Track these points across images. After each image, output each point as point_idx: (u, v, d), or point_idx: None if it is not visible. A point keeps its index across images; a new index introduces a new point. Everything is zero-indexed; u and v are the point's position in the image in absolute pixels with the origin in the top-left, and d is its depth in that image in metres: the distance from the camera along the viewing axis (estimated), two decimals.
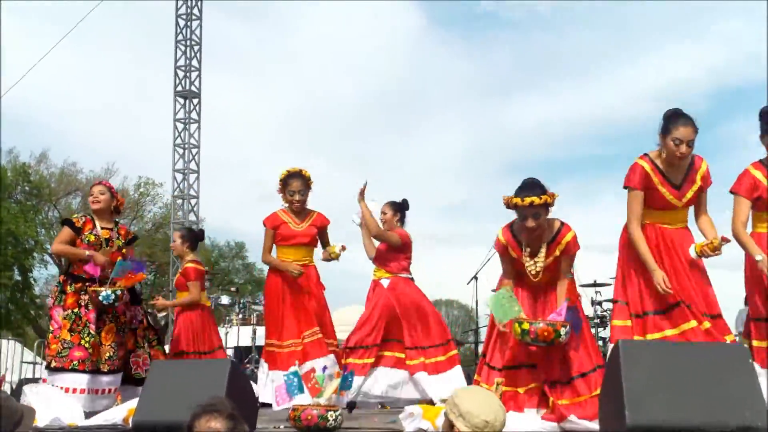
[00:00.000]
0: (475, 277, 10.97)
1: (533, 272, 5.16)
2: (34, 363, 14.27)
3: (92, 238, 6.59)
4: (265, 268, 7.63)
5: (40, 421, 5.49)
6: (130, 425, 5.23)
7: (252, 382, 5.95)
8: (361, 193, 6.97)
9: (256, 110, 54.90)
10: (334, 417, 4.84)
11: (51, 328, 6.53)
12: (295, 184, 7.03)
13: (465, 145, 62.23)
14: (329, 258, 7.01)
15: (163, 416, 4.61)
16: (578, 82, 61.12)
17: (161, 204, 33.90)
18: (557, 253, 5.16)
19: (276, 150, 51.81)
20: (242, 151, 53.22)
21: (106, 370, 6.39)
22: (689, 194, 5.09)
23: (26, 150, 34.29)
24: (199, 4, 21.71)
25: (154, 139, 44.43)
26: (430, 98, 59.25)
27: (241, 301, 14.57)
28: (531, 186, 5.09)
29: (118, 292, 6.35)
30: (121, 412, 5.73)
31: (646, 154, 5.10)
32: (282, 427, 5.26)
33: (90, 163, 53.16)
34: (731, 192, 5.07)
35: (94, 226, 6.66)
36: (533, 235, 5.13)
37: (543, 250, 5.15)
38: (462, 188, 67.56)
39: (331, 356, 6.83)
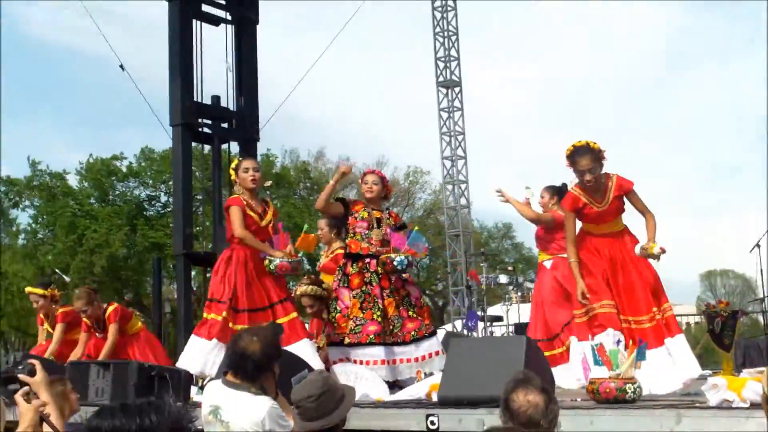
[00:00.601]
0: (758, 245, 10.69)
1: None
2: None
3: (365, 214, 6.97)
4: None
5: None
6: (434, 399, 5.55)
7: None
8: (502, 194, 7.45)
9: (516, 94, 54.87)
10: (632, 389, 4.88)
11: (337, 308, 6.89)
12: (583, 162, 6.21)
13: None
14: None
15: (466, 391, 4.87)
16: None
17: (430, 191, 34.93)
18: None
19: (539, 131, 51.53)
20: (505, 135, 53.44)
21: (397, 341, 6.81)
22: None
23: (305, 149, 36.60)
24: None
25: (421, 129, 45.73)
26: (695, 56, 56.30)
27: (517, 279, 14.81)
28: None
29: (410, 258, 6.79)
30: (424, 387, 6.05)
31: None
32: (579, 400, 5.35)
33: (363, 156, 55.63)
34: None
35: (365, 206, 7.06)
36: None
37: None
38: (736, 152, 63.74)
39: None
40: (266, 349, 3.79)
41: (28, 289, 9.27)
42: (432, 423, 4.76)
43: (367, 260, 6.87)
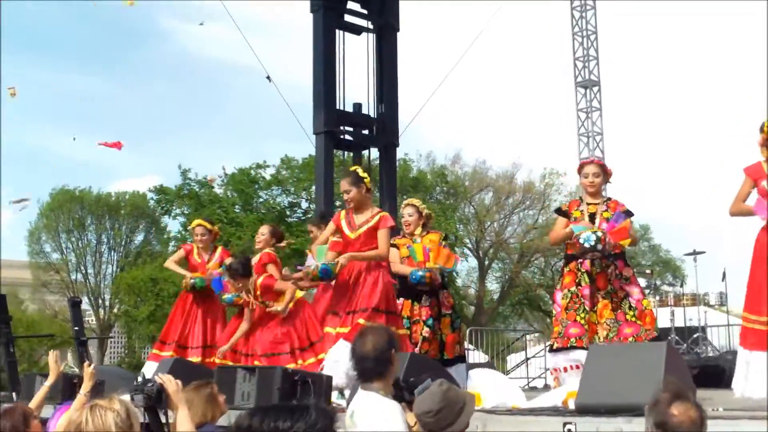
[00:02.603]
0: None
1: None
2: (467, 349, 15.34)
3: (578, 214, 6.60)
4: None
5: (487, 403, 5.93)
6: (570, 407, 5.50)
7: None
8: None
9: (657, 95, 53.34)
10: None
11: (553, 312, 6.71)
12: None
13: None
14: None
15: (604, 399, 4.81)
16: None
17: (566, 192, 34.39)
18: None
19: (681, 131, 49.89)
20: (645, 136, 52.05)
21: None
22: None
23: (441, 153, 36.88)
24: None
25: (558, 130, 45.22)
26: None
27: (655, 282, 14.48)
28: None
29: (599, 234, 6.21)
30: (561, 394, 6.01)
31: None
32: (720, 409, 5.21)
33: (498, 159, 55.53)
34: None
35: (581, 203, 6.69)
36: None
37: None
38: None
39: None
40: (377, 347, 3.82)
41: (196, 221, 9.60)
42: (569, 431, 4.73)
43: (580, 260, 6.48)
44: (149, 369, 8.63)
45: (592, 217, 6.52)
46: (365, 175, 7.08)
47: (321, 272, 6.77)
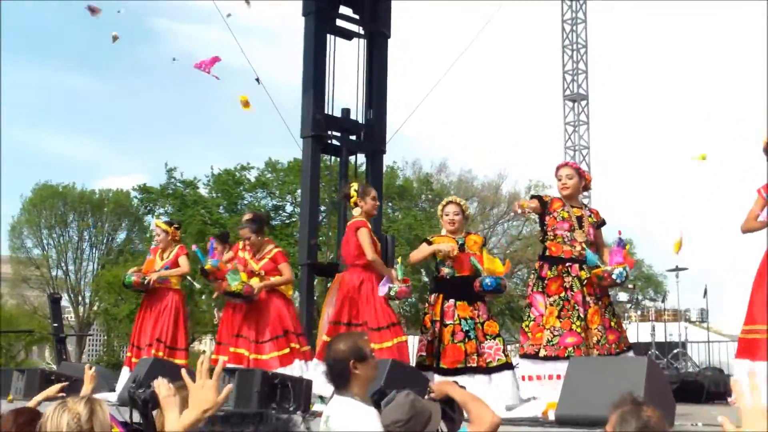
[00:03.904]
0: None
1: None
2: None
3: (565, 214, 6.48)
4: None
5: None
6: (549, 418, 5.51)
7: None
8: None
9: (646, 110, 53.63)
10: None
11: (531, 316, 6.40)
12: None
13: None
14: None
15: (584, 410, 4.83)
16: None
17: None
18: None
19: (667, 147, 50.21)
20: (632, 152, 52.34)
21: (603, 355, 6.11)
22: None
23: (427, 161, 36.96)
24: (583, 7, 21.86)
25: (545, 143, 45.45)
26: None
27: (637, 297, 14.58)
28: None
29: (629, 270, 6.22)
30: (540, 405, 6.02)
31: None
32: (700, 425, 5.23)
33: (484, 169, 55.64)
34: None
35: (565, 204, 6.55)
36: None
37: None
38: None
39: None
40: (337, 356, 3.88)
41: (156, 222, 9.81)
42: None
43: (568, 264, 6.35)
44: (125, 375, 8.61)
45: (579, 219, 6.48)
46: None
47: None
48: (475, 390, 6.45)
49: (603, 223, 6.73)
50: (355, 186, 7.37)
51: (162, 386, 3.92)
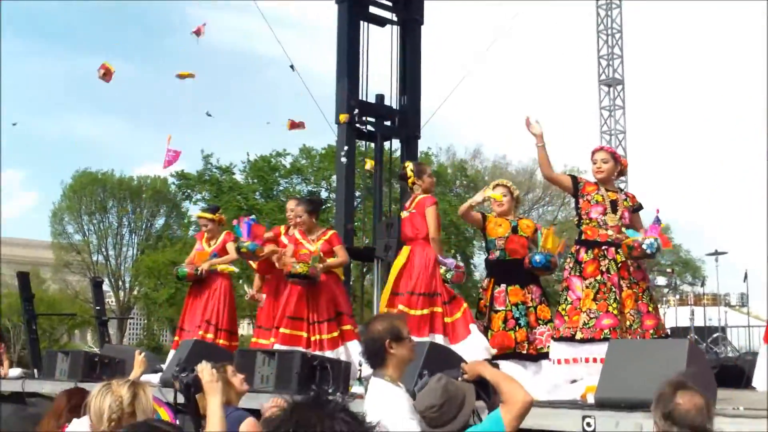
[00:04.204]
0: None
1: None
2: None
3: (599, 198, 6.45)
4: None
5: None
6: (589, 401, 5.50)
7: None
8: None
9: (681, 93, 53.01)
10: None
11: (568, 300, 6.34)
12: None
13: None
14: None
15: (624, 393, 4.82)
16: None
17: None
18: None
19: (705, 130, 49.59)
20: (668, 135, 51.80)
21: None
22: None
23: (462, 147, 36.90)
24: None
25: (581, 128, 45.13)
26: None
27: (675, 281, 14.48)
28: None
29: (660, 242, 6.19)
30: (580, 388, 6.00)
31: None
32: (741, 409, 5.20)
33: (518, 154, 55.30)
34: None
35: (599, 188, 6.51)
36: None
37: None
38: None
39: None
40: (371, 336, 3.90)
41: (198, 214, 9.98)
42: (588, 425, 4.74)
43: (604, 247, 6.29)
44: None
45: (613, 204, 6.42)
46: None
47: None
48: (522, 377, 6.53)
49: (640, 207, 6.63)
50: (410, 166, 7.46)
51: (205, 371, 3.99)
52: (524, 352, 6.79)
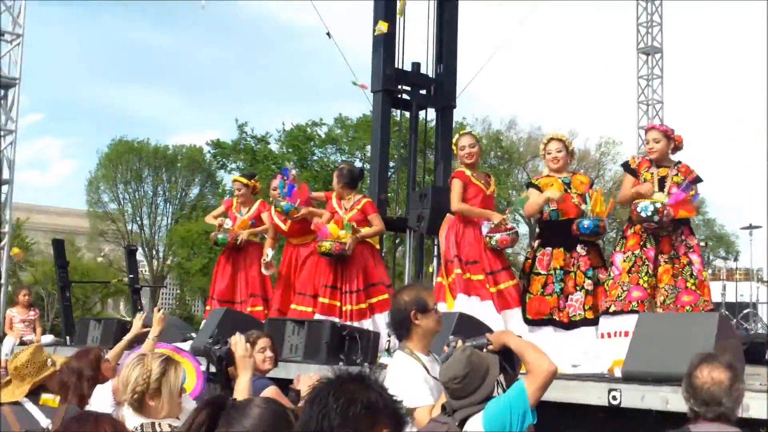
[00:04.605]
0: None
1: None
2: None
3: (648, 176, 6.45)
4: None
5: None
6: (616, 375, 5.49)
7: None
8: None
9: (721, 64, 52.11)
10: None
11: (611, 275, 6.43)
12: None
13: None
14: None
15: (651, 367, 4.80)
16: None
17: (622, 162, 33.94)
18: None
19: (744, 103, 48.77)
20: (707, 108, 51.05)
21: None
22: None
23: (497, 118, 36.69)
24: None
25: (617, 98, 44.64)
26: None
27: (709, 256, 14.32)
28: None
29: (658, 205, 6.07)
30: (606, 362, 5.99)
31: None
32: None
33: (554, 126, 54.93)
34: None
35: (651, 164, 6.50)
36: None
37: None
38: None
39: None
40: (397, 308, 3.94)
41: (234, 177, 9.97)
42: (614, 398, 4.74)
43: (647, 223, 6.21)
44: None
45: (662, 180, 6.37)
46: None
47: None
48: (549, 345, 6.51)
49: (697, 179, 6.46)
50: (454, 140, 7.48)
51: (239, 345, 4.02)
52: (556, 318, 6.67)
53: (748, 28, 53.79)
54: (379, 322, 7.52)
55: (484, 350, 3.64)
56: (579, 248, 6.72)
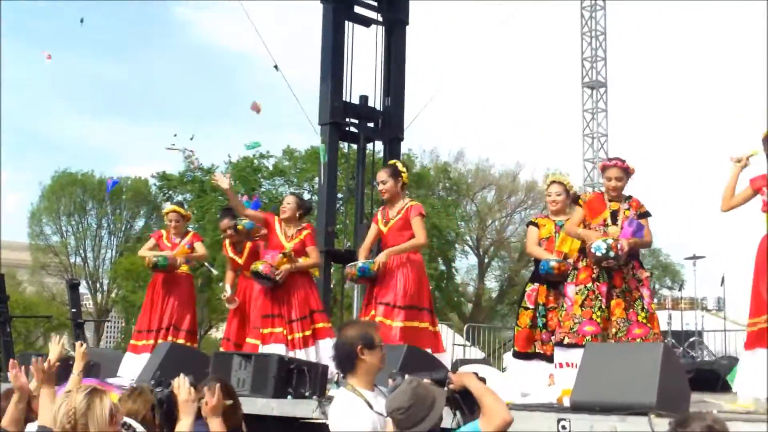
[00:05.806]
0: None
1: None
2: (464, 345, 15.50)
3: (598, 221, 6.40)
4: None
5: None
6: (564, 404, 5.50)
7: None
8: None
9: (663, 97, 53.28)
10: None
11: (564, 306, 6.48)
12: None
13: None
14: None
15: (599, 397, 4.82)
16: None
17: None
18: None
19: (686, 135, 49.85)
20: (650, 140, 52.05)
21: None
22: None
23: (445, 150, 36.92)
24: None
25: (563, 130, 45.32)
26: None
27: (654, 286, 14.53)
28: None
29: (609, 242, 6.01)
30: (555, 392, 6.03)
31: None
32: (715, 412, 5.20)
33: (501, 158, 55.52)
34: None
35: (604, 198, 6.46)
36: None
37: None
38: None
39: None
40: (340, 344, 3.95)
41: (170, 207, 9.76)
42: (563, 427, 4.74)
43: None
44: (128, 362, 8.65)
45: (614, 214, 6.36)
46: (404, 169, 7.23)
47: (360, 272, 6.96)
48: (536, 377, 6.52)
49: (646, 214, 6.44)
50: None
51: (182, 389, 3.90)
52: (540, 352, 6.83)
53: (690, 60, 55.08)
54: (323, 349, 7.49)
55: (445, 387, 3.65)
56: (561, 287, 6.77)
